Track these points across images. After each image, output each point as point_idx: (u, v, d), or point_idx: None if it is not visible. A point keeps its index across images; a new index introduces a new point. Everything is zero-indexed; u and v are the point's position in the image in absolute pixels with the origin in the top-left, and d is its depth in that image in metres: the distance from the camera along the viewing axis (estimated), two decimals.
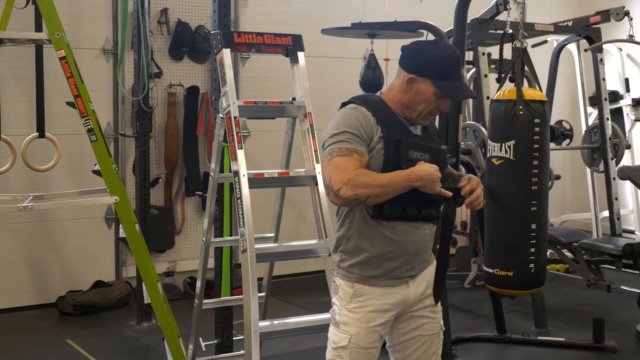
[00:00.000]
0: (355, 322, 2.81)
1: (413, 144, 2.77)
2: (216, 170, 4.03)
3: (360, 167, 2.67)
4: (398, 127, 2.79)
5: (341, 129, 2.72)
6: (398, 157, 2.73)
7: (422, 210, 2.79)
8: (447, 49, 2.82)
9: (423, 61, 2.77)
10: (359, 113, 2.75)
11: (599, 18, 6.50)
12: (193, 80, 6.76)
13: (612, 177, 6.80)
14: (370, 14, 7.19)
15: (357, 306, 2.82)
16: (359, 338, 2.80)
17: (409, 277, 2.86)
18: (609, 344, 5.22)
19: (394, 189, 2.65)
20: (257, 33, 3.85)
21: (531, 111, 4.31)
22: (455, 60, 2.80)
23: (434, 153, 2.83)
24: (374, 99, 2.85)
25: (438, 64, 2.76)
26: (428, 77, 2.76)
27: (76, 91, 4.05)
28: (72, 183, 6.06)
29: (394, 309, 2.85)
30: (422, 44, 2.84)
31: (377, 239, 2.80)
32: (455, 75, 2.79)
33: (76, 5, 6.30)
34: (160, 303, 4.21)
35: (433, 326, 2.95)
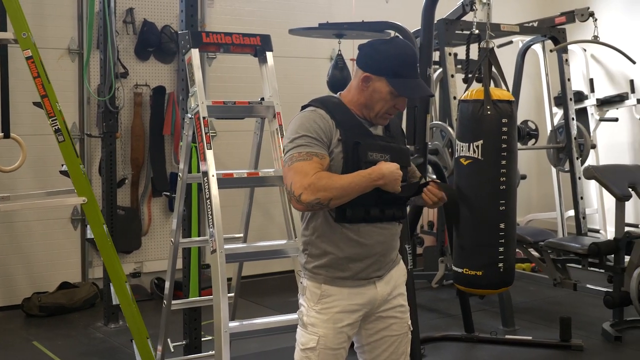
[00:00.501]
0: (323, 323, 2.80)
1: (372, 145, 2.76)
2: (185, 170, 4.01)
3: (321, 170, 2.66)
4: (357, 129, 2.78)
5: (300, 132, 2.71)
6: (357, 159, 2.72)
7: (385, 211, 2.80)
8: (402, 47, 2.80)
9: (378, 60, 2.77)
10: (317, 115, 2.74)
11: (564, 19, 6.57)
12: (159, 80, 6.71)
13: (578, 176, 6.87)
14: (336, 14, 7.20)
15: (324, 307, 2.81)
16: (327, 339, 2.80)
17: (376, 278, 2.85)
18: (575, 343, 5.27)
19: (356, 189, 2.65)
20: (225, 33, 3.84)
21: (499, 111, 4.34)
22: (411, 58, 2.80)
23: (396, 153, 2.83)
24: (332, 101, 2.83)
25: (392, 62, 2.76)
26: (383, 75, 2.75)
27: (43, 91, 4.01)
28: (38, 184, 5.99)
29: (361, 310, 2.84)
30: (378, 42, 2.83)
31: (341, 242, 2.79)
32: (410, 74, 2.78)
33: (41, 5, 6.23)
34: (129, 304, 4.18)
35: (401, 326, 2.95)
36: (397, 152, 2.84)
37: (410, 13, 6.44)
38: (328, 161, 2.70)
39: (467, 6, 5.60)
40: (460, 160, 4.46)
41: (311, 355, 2.81)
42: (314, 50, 7.36)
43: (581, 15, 6.44)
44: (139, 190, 6.69)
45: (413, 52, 2.83)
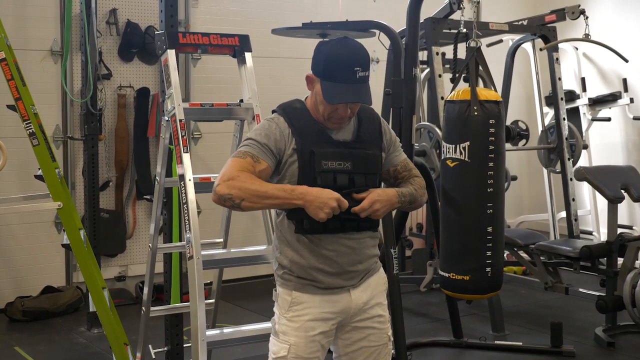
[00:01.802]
0: (294, 331, 2.72)
1: (327, 154, 2.66)
2: (162, 174, 3.93)
3: (251, 171, 2.61)
4: (315, 136, 2.69)
5: (250, 137, 2.70)
6: (313, 169, 2.65)
7: (345, 223, 2.69)
8: (338, 48, 2.65)
9: (316, 60, 2.68)
10: (273, 125, 2.69)
11: (554, 17, 6.49)
12: (143, 81, 6.62)
13: (569, 177, 6.79)
14: (322, 14, 7.12)
15: (295, 315, 2.73)
16: (298, 348, 2.71)
17: (350, 286, 2.76)
18: (567, 348, 5.18)
19: (274, 202, 2.58)
20: (202, 33, 3.76)
21: (486, 112, 4.28)
22: (344, 61, 2.62)
23: (359, 160, 2.71)
24: (295, 107, 2.75)
25: (324, 64, 2.64)
26: (319, 76, 2.66)
27: (17, 94, 3.92)
28: (20, 188, 5.90)
29: (335, 318, 2.76)
30: (327, 41, 2.71)
31: (305, 252, 2.72)
32: (340, 77, 2.61)
33: (23, 6, 6.14)
34: (106, 311, 4.09)
35: (380, 337, 2.85)
36: (360, 159, 2.71)
37: (398, 12, 6.37)
38: (264, 168, 2.64)
39: (454, 4, 5.51)
40: (446, 162, 4.40)
41: None
42: (300, 51, 7.25)
43: (572, 13, 6.35)
44: (124, 193, 6.61)
45: (352, 52, 2.65)
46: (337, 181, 2.67)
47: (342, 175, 2.67)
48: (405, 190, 2.81)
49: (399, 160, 2.91)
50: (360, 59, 2.64)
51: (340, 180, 2.67)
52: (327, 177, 2.65)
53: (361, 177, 2.71)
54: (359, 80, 2.62)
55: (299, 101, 2.78)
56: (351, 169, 2.68)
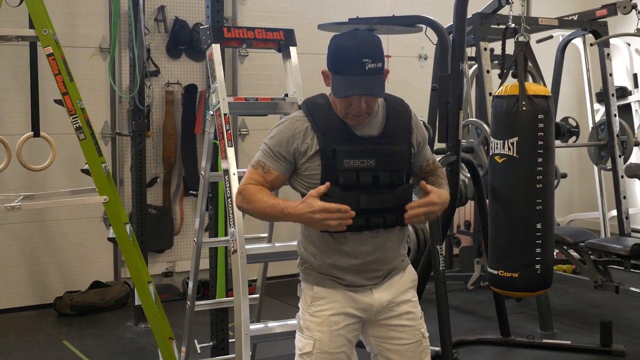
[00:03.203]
0: (317, 326, 2.69)
1: (349, 152, 2.59)
2: (207, 168, 3.93)
3: (261, 182, 2.65)
4: (338, 134, 2.61)
5: (269, 141, 2.67)
6: (335, 168, 2.58)
7: (370, 220, 2.62)
8: (346, 40, 2.55)
9: (329, 53, 2.60)
10: (295, 127, 2.64)
11: (605, 11, 6.36)
12: (191, 78, 6.67)
13: (620, 175, 6.65)
14: (370, 10, 7.09)
15: (317, 310, 2.70)
16: (323, 343, 2.68)
17: (372, 285, 2.71)
18: (617, 348, 5.09)
19: (273, 219, 2.72)
20: (247, 28, 3.75)
21: (534, 107, 4.22)
22: (351, 53, 2.51)
23: (384, 156, 2.63)
24: (318, 103, 2.69)
25: (333, 57, 2.57)
26: (331, 71, 2.59)
27: (64, 89, 3.96)
28: (69, 182, 5.97)
29: (357, 314, 2.72)
30: (339, 35, 2.61)
31: (327, 249, 2.68)
32: (349, 70, 2.51)
33: (72, 4, 6.23)
34: (151, 305, 4.11)
35: (412, 334, 2.78)
36: (385, 156, 2.63)
37: (446, 8, 6.30)
38: (275, 176, 2.66)
39: None
40: (494, 158, 4.35)
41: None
42: None
43: (623, 7, 6.21)
44: (171, 189, 6.66)
45: (361, 44, 2.52)
46: (360, 179, 2.60)
47: (365, 173, 2.60)
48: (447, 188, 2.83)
49: (429, 155, 2.86)
50: (370, 50, 2.51)
51: (364, 178, 2.60)
52: (349, 175, 2.59)
53: (386, 174, 2.64)
54: (368, 72, 2.49)
55: (323, 97, 2.71)
56: (375, 167, 2.61)
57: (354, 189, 2.59)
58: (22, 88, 5.64)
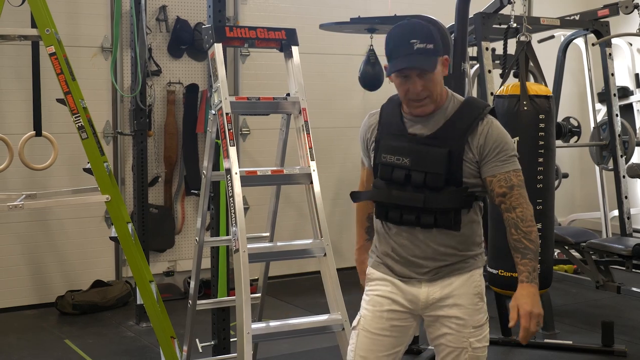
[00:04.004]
0: (365, 304, 2.85)
1: (388, 147, 2.74)
2: (209, 168, 3.94)
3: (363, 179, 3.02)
4: (391, 128, 2.78)
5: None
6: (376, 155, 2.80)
7: (403, 216, 2.73)
8: (397, 27, 2.68)
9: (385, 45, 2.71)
10: (369, 122, 2.89)
11: (607, 11, 6.36)
12: (192, 78, 6.67)
13: (622, 175, 6.65)
14: (371, 9, 7.09)
15: (369, 289, 2.85)
16: (366, 320, 2.80)
17: (422, 279, 2.76)
18: (618, 348, 5.09)
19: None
20: (249, 27, 3.74)
21: (536, 107, 4.23)
22: (400, 36, 2.64)
23: (419, 157, 2.67)
24: (393, 99, 2.85)
25: (386, 44, 2.69)
26: (387, 59, 2.70)
27: (66, 88, 3.96)
28: (71, 182, 5.98)
29: (404, 303, 2.78)
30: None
31: (383, 239, 2.83)
32: (399, 52, 2.62)
33: (74, 4, 6.24)
34: (153, 304, 4.11)
35: (457, 339, 2.75)
36: (420, 157, 2.67)
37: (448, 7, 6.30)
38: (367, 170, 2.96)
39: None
40: None
41: (353, 335, 2.85)
42: (348, 47, 7.25)
43: (625, 7, 6.21)
44: (172, 188, 6.66)
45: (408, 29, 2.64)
46: (394, 175, 2.72)
47: (399, 170, 2.71)
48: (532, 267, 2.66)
49: (498, 171, 2.68)
50: (418, 32, 2.62)
51: (396, 175, 2.72)
52: (385, 169, 2.75)
53: (419, 175, 2.67)
54: (417, 52, 2.58)
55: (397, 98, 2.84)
56: (409, 165, 2.68)
57: (389, 182, 2.75)
58: (24, 87, 5.65)
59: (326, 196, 3.89)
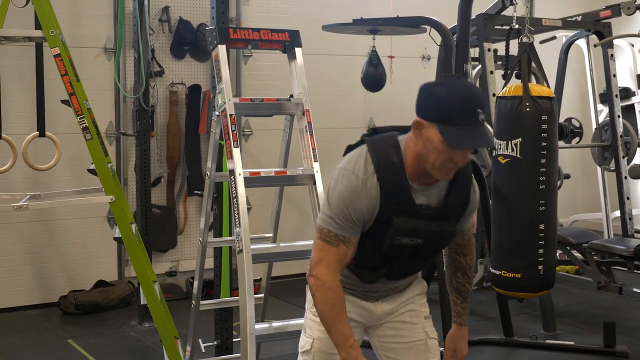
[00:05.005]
0: (317, 325, 2.67)
1: (403, 230, 2.51)
2: (212, 169, 3.95)
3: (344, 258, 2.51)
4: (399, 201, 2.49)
5: (338, 207, 2.47)
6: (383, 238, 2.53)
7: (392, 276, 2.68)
8: (458, 88, 2.40)
9: (430, 102, 2.41)
10: (364, 192, 2.46)
11: (609, 12, 6.36)
12: (195, 78, 6.69)
13: (624, 176, 6.66)
14: (373, 11, 7.10)
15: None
16: (321, 342, 2.68)
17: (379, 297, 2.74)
18: (620, 349, 5.10)
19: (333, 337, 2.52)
20: (253, 29, 3.76)
21: (538, 108, 4.22)
22: (467, 102, 2.37)
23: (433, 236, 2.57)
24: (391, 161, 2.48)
25: (443, 106, 2.37)
26: (433, 121, 2.38)
27: (71, 89, 3.97)
28: (74, 182, 5.99)
29: (358, 319, 2.72)
30: (434, 82, 2.48)
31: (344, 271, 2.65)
32: (464, 121, 2.35)
33: (77, 4, 6.26)
34: (157, 304, 4.13)
35: (414, 332, 2.76)
36: (435, 236, 2.58)
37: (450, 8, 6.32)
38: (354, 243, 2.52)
39: (507, 0, 5.44)
40: (498, 158, 4.35)
41: (307, 359, 2.72)
42: (350, 48, 7.26)
43: (627, 8, 6.21)
44: (175, 189, 6.68)
45: (471, 93, 2.40)
46: (402, 252, 2.58)
47: (408, 249, 2.57)
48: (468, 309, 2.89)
49: (466, 226, 2.74)
50: (480, 100, 2.42)
51: (405, 252, 2.58)
52: (393, 248, 2.54)
53: (428, 251, 2.64)
54: (481, 123, 2.38)
55: (396, 151, 2.51)
56: (421, 244, 2.57)
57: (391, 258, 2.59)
58: (27, 88, 5.66)
59: None
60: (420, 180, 2.50)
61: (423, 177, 2.50)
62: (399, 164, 2.48)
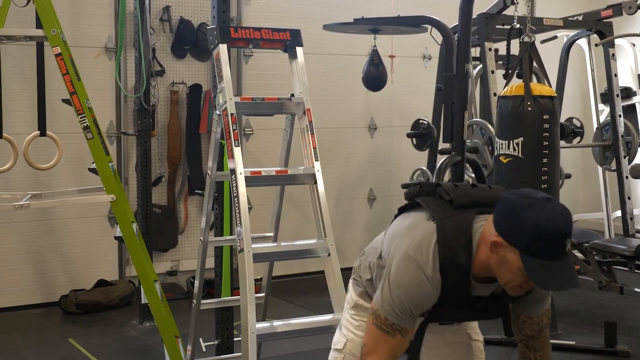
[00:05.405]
0: (353, 328, 2.70)
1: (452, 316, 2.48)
2: (213, 168, 3.95)
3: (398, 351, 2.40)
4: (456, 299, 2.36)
5: (399, 297, 2.34)
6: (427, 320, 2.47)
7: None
8: (549, 218, 2.17)
9: (514, 226, 2.20)
10: (427, 286, 2.31)
11: (610, 12, 6.36)
12: (196, 78, 6.69)
13: (625, 175, 6.66)
14: (374, 10, 7.10)
15: (356, 314, 2.72)
16: (354, 345, 2.68)
17: None
18: (621, 348, 5.09)
19: None
20: (254, 28, 3.76)
21: (540, 107, 4.23)
22: (558, 234, 2.17)
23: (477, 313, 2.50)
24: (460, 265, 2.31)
25: (531, 236, 2.16)
26: (516, 247, 2.19)
27: (72, 88, 3.96)
28: (75, 182, 5.99)
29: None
30: (522, 202, 2.22)
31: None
32: (551, 255, 2.17)
33: (78, 4, 6.25)
34: (157, 303, 4.12)
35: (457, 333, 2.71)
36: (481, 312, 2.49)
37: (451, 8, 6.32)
38: (412, 333, 2.43)
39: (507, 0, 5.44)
40: (500, 158, 4.36)
41: (338, 357, 2.73)
42: (352, 48, 7.26)
43: (629, 7, 6.21)
44: (176, 188, 6.68)
45: (562, 221, 2.18)
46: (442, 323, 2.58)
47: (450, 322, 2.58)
48: None
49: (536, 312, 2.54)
50: (570, 228, 2.21)
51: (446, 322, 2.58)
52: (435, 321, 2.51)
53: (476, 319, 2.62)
54: (566, 254, 2.21)
55: (466, 253, 2.32)
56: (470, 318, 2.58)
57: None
58: (28, 87, 5.66)
59: (329, 197, 3.90)
60: (483, 278, 2.35)
61: (487, 276, 2.34)
62: (467, 267, 2.32)
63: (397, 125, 7.40)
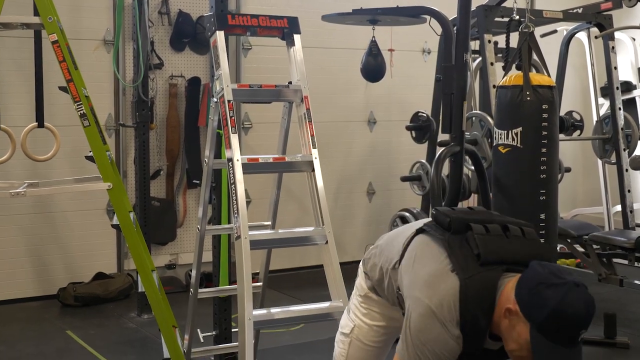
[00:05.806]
0: (360, 315, 2.73)
1: None
2: (210, 156, 3.94)
3: None
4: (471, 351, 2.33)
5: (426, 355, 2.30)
6: None
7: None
8: (572, 304, 2.13)
9: (534, 303, 2.17)
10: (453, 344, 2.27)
11: (610, 4, 6.34)
12: (194, 71, 6.68)
13: (625, 168, 6.64)
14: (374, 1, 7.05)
15: (364, 302, 2.74)
16: (361, 331, 2.72)
17: None
18: (621, 340, 5.10)
19: None
20: (252, 15, 3.75)
21: (539, 97, 4.20)
22: (577, 323, 2.14)
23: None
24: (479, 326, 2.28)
25: (549, 318, 2.13)
26: (530, 322, 2.17)
27: (69, 76, 3.94)
28: (73, 173, 5.92)
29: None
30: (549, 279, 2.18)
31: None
32: (563, 340, 2.14)
33: None
34: (155, 292, 4.10)
35: None
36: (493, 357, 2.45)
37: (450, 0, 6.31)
38: None
39: None
40: (498, 148, 4.33)
41: (344, 340, 2.76)
42: (351, 41, 7.24)
43: (629, 0, 6.20)
44: (174, 181, 6.67)
45: (584, 311, 2.15)
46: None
47: None
48: None
49: None
50: (590, 318, 2.19)
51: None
52: None
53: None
54: (579, 343, 2.19)
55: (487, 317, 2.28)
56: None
57: None
58: (26, 79, 5.65)
59: (328, 190, 3.89)
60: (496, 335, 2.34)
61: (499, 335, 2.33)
62: (485, 329, 2.30)
63: (397, 119, 7.38)
